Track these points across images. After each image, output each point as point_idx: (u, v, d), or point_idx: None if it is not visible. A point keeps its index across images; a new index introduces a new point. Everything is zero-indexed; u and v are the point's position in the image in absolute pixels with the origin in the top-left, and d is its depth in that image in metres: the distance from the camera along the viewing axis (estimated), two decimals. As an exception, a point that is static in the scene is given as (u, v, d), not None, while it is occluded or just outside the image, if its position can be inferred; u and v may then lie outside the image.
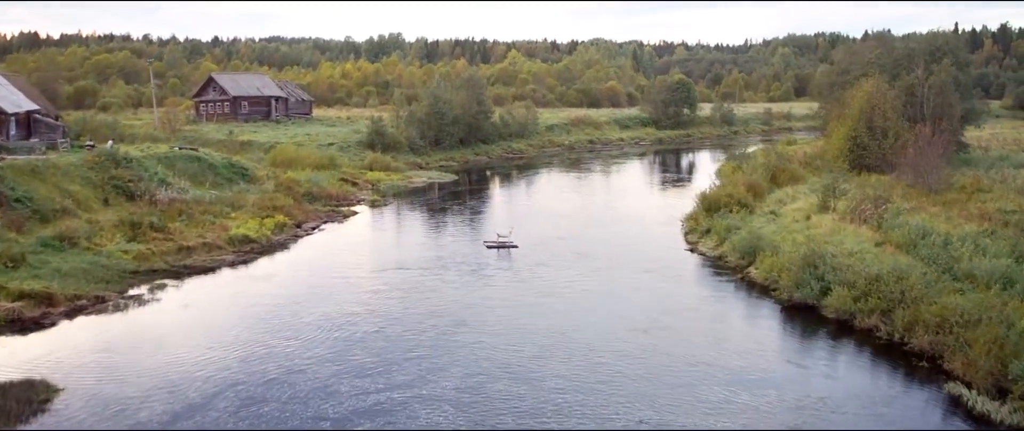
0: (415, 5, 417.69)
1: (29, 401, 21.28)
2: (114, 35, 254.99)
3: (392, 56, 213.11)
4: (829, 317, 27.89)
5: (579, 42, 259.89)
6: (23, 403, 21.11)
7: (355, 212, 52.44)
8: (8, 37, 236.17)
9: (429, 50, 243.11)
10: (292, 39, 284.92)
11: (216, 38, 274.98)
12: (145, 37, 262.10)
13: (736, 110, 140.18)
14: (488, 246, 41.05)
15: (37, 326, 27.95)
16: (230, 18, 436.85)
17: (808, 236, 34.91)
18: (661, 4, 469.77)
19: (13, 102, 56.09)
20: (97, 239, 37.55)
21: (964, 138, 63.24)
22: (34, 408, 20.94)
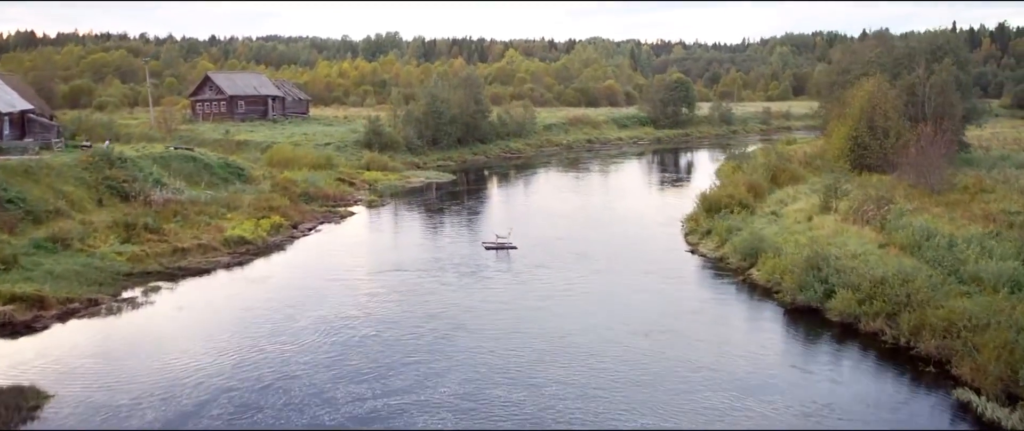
0: (412, 4, 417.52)
1: (18, 408, 20.80)
2: (111, 34, 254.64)
3: (389, 55, 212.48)
4: (833, 320, 27.44)
5: (577, 41, 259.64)
6: (12, 410, 20.63)
7: (352, 213, 51.97)
8: (4, 36, 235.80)
9: (426, 49, 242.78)
10: (289, 38, 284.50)
11: (213, 37, 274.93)
12: (142, 36, 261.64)
13: (734, 109, 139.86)
14: (487, 247, 40.62)
15: (28, 330, 27.48)
16: (227, 17, 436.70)
17: (810, 237, 34.49)
18: (659, 4, 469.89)
19: (7, 102, 55.63)
20: (90, 240, 37.10)
21: (965, 138, 62.88)
22: (24, 415, 20.47)
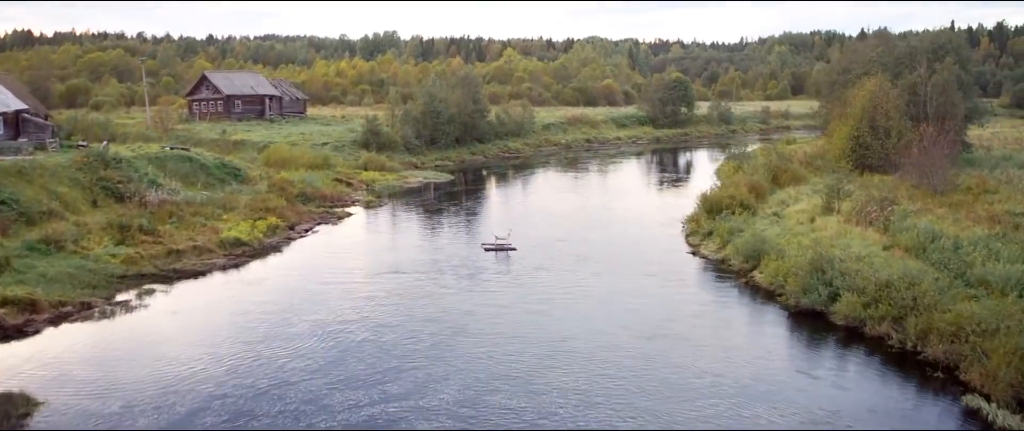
0: (410, 3, 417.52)
1: (8, 415, 20.34)
2: (108, 33, 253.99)
3: (387, 54, 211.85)
4: (838, 324, 27.01)
5: (575, 40, 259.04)
6: (1, 417, 20.19)
7: (349, 213, 51.49)
8: (1, 36, 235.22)
9: (424, 48, 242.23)
10: (287, 37, 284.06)
11: (211, 36, 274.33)
12: (139, 35, 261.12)
13: (733, 108, 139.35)
14: (486, 249, 40.17)
15: (20, 334, 27.01)
16: (225, 16, 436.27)
17: (813, 239, 34.02)
18: (657, 4, 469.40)
19: (1, 101, 55.11)
20: (84, 242, 36.61)
21: (967, 138, 62.47)
22: (12, 423, 20.02)
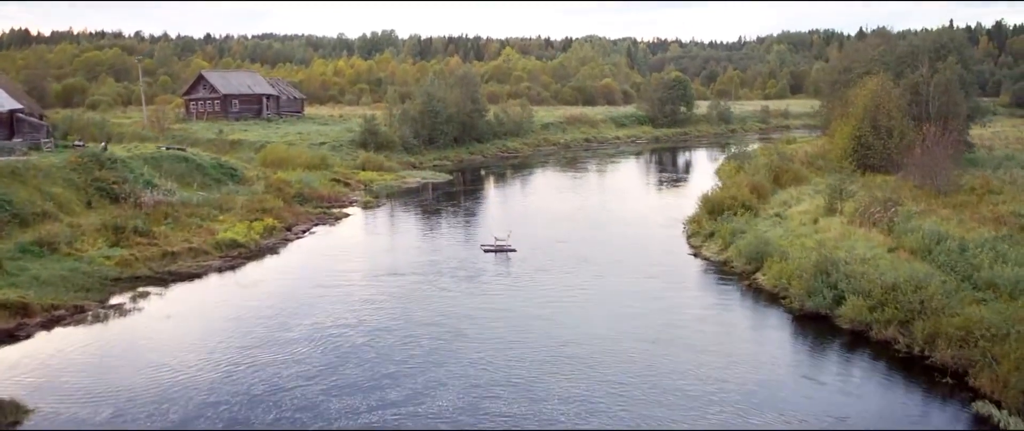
0: (408, 2, 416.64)
1: (-4, 423, 19.92)
2: (105, 32, 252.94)
3: (385, 53, 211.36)
4: (843, 327, 26.57)
5: (573, 39, 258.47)
6: (-10, 426, 19.76)
7: (347, 214, 51.00)
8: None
9: (422, 47, 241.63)
10: (285, 36, 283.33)
11: (208, 35, 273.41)
12: (137, 34, 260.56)
13: (733, 108, 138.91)
14: (485, 250, 39.73)
15: (11, 338, 26.53)
16: (223, 15, 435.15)
17: (817, 241, 33.58)
18: (655, 3, 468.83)
19: (-5, 101, 54.59)
20: (78, 244, 36.13)
21: (970, 137, 62.06)
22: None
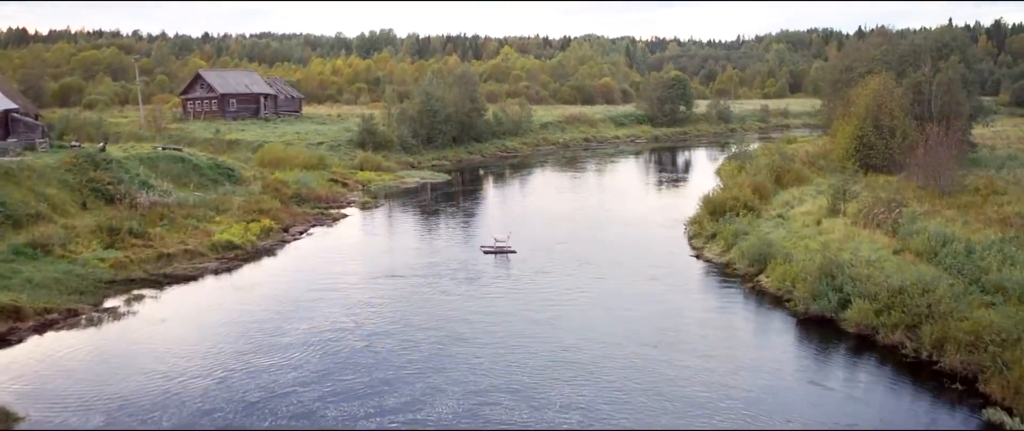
0: (407, 1, 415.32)
1: (-15, 432, 19.48)
2: (103, 31, 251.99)
3: (383, 52, 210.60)
4: (849, 331, 26.14)
5: (572, 38, 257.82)
6: (-22, 434, 19.32)
7: (345, 215, 50.52)
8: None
9: (420, 46, 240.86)
10: (283, 35, 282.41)
11: (206, 34, 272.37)
12: (134, 33, 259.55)
13: (732, 107, 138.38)
14: (485, 251, 39.29)
15: (3, 343, 26.14)
16: (221, 14, 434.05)
17: (821, 243, 33.13)
18: (652, 2, 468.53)
19: (-11, 101, 54.09)
20: (72, 246, 35.68)
21: (972, 137, 61.63)
22: (-10, 440, 19.16)
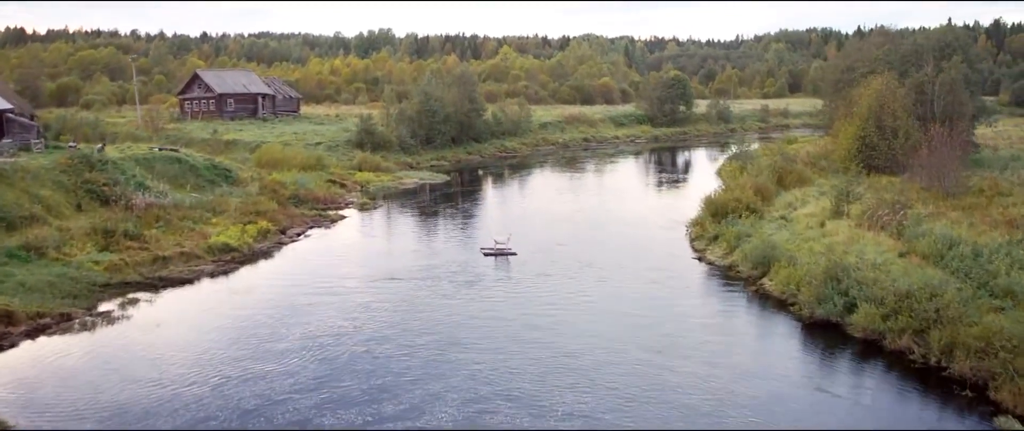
0: (405, 1, 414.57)
1: (-26, 441, 19.02)
2: (101, 31, 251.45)
3: (382, 52, 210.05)
4: (855, 336, 25.73)
5: (571, 38, 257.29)
6: (-33, 444, 18.87)
7: (343, 216, 50.03)
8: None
9: (419, 46, 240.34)
10: (281, 35, 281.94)
11: (205, 34, 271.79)
12: (133, 33, 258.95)
13: (732, 107, 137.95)
14: (485, 253, 38.85)
15: (-6, 348, 25.66)
16: (220, 14, 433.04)
17: (826, 245, 32.71)
18: (652, 2, 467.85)
19: (-17, 101, 53.59)
20: (67, 248, 35.24)
21: (975, 137, 61.18)
22: (-21, 450, 18.70)
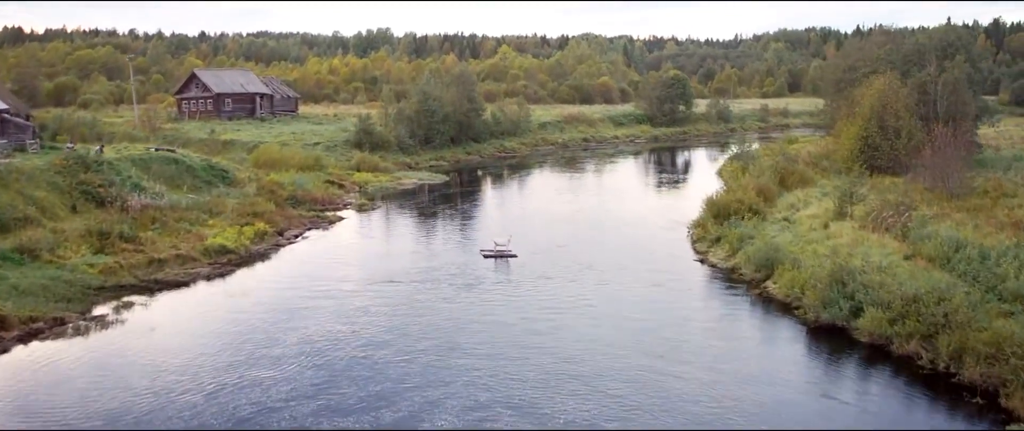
0: (404, 0, 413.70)
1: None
2: (99, 30, 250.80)
3: (381, 51, 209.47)
4: (861, 341, 25.28)
5: (570, 37, 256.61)
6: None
7: (341, 217, 49.58)
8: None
9: (418, 45, 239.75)
10: (280, 34, 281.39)
11: (203, 33, 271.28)
12: (131, 32, 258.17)
13: (731, 106, 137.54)
14: (485, 255, 38.43)
15: (-15, 354, 25.20)
16: (219, 13, 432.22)
17: (831, 247, 32.28)
18: (650, 1, 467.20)
19: (-22, 101, 53.13)
20: (61, 251, 34.79)
21: (978, 138, 60.74)
22: (-33, 460, 18.25)
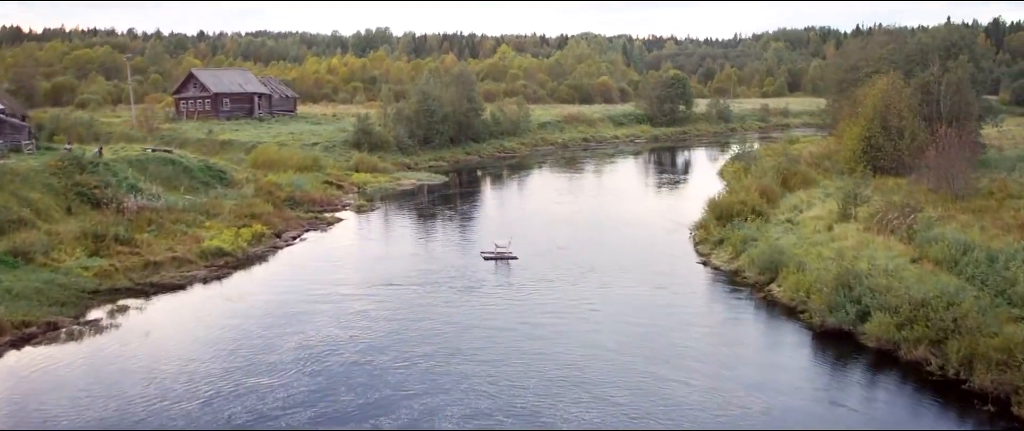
0: (403, 0, 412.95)
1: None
2: (98, 30, 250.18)
3: (380, 51, 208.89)
4: (869, 346, 24.86)
5: (569, 37, 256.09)
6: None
7: (339, 219, 49.11)
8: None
9: (417, 45, 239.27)
10: (278, 33, 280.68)
11: (202, 33, 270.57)
12: (129, 32, 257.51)
13: (731, 106, 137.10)
14: (485, 257, 38.00)
15: (-23, 359, 24.75)
16: (217, 13, 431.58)
17: (836, 250, 31.85)
18: (649, 1, 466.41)
19: (-27, 101, 52.66)
20: (55, 253, 34.32)
21: (982, 138, 60.35)
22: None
